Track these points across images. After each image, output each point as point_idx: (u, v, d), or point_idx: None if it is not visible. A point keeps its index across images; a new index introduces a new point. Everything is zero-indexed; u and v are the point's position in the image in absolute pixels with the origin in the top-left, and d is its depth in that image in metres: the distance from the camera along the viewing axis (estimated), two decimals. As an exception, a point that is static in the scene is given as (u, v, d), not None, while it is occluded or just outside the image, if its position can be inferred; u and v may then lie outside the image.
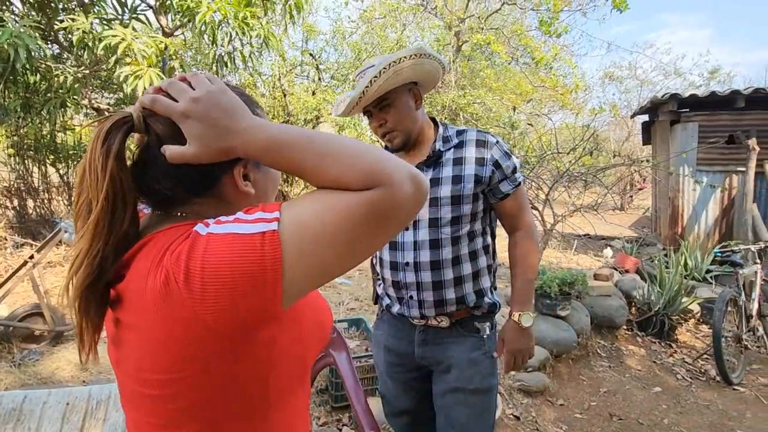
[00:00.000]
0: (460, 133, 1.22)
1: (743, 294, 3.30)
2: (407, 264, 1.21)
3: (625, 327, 3.73)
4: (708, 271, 4.74)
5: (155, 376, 0.50)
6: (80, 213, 0.50)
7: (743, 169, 5.46)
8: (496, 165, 1.18)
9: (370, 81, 1.06)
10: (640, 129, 9.63)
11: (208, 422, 0.53)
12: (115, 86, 5.57)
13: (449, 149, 1.20)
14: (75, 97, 4.41)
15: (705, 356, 3.39)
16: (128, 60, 3.33)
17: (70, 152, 5.43)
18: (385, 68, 1.05)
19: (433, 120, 1.27)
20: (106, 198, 0.48)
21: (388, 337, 1.35)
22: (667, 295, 3.73)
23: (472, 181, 1.17)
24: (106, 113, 5.27)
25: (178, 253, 0.47)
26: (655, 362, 3.35)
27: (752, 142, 5.32)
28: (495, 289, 1.29)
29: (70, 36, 4.48)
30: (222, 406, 0.52)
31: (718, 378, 3.08)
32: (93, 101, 5.02)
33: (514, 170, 1.21)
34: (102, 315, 0.53)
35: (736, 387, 3.00)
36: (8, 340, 2.67)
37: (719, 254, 3.66)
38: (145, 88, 3.44)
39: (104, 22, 4.31)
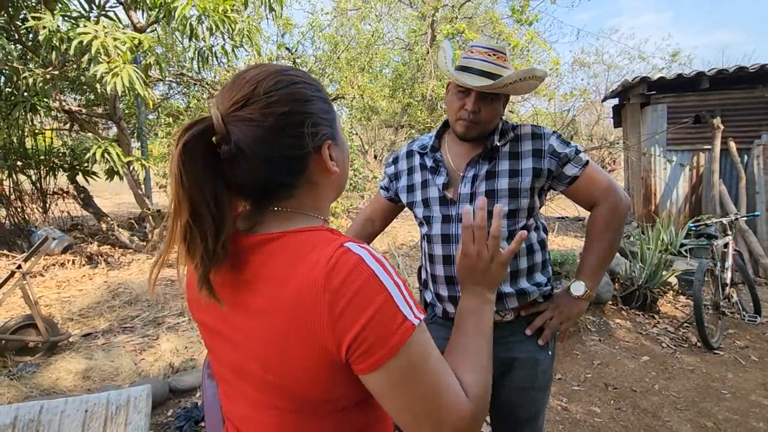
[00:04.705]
0: (515, 127, 1.21)
1: (719, 264, 3.52)
2: None
3: (611, 302, 3.91)
4: (682, 245, 4.99)
5: (273, 363, 0.54)
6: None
7: (709, 147, 5.76)
8: (554, 153, 1.16)
9: (517, 80, 1.08)
10: (609, 113, 9.97)
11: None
12: (85, 87, 5.36)
13: (505, 144, 1.19)
14: (45, 99, 4.21)
15: (686, 324, 3.60)
16: (104, 58, 3.20)
17: (41, 158, 5.20)
18: (527, 78, 1.10)
19: None
20: (179, 187, 0.51)
21: (442, 342, 1.26)
22: (648, 270, 3.93)
23: (530, 175, 1.15)
24: (78, 115, 5.07)
25: (333, 266, 0.51)
26: (641, 333, 3.53)
27: (717, 120, 5.61)
28: (551, 280, 1.27)
29: (32, 35, 4.28)
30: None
31: (699, 344, 3.28)
32: (63, 103, 4.81)
33: (577, 152, 1.18)
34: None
35: (716, 351, 3.21)
36: (1, 354, 2.58)
37: (694, 228, 3.88)
38: (124, 86, 3.36)
39: (70, 19, 4.13)
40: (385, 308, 0.50)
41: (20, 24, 4.06)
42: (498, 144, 1.18)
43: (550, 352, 1.26)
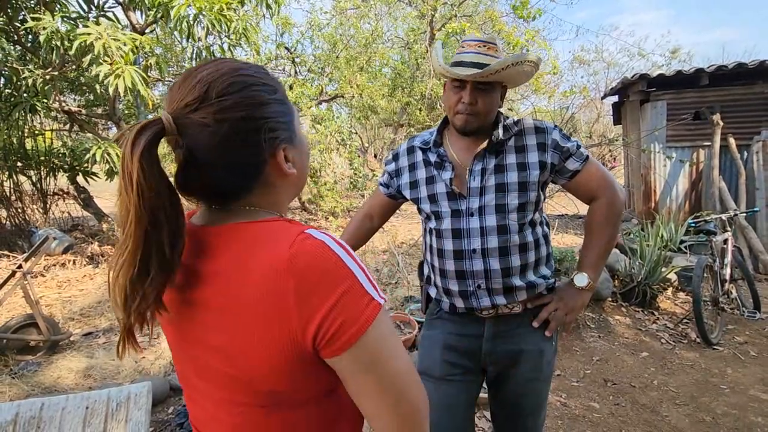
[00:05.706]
0: (517, 122, 1.23)
1: (718, 260, 3.52)
2: (474, 251, 1.18)
3: (610, 299, 3.91)
4: (682, 242, 4.99)
5: (244, 358, 0.53)
6: (121, 212, 0.50)
7: (709, 143, 5.76)
8: (557, 147, 1.18)
9: (507, 65, 1.09)
10: (609, 110, 9.97)
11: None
12: (85, 87, 5.37)
13: (510, 138, 1.20)
14: (45, 100, 4.22)
15: (685, 321, 3.61)
16: (106, 59, 3.20)
17: (41, 158, 5.22)
18: (519, 63, 1.10)
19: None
20: (139, 196, 0.48)
21: (450, 336, 1.29)
22: (648, 267, 3.94)
23: (537, 168, 1.17)
24: (78, 116, 5.08)
25: (296, 251, 0.50)
26: (640, 329, 3.54)
27: (716, 117, 5.60)
28: (554, 273, 1.30)
29: (31, 36, 4.28)
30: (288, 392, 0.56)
31: (698, 340, 3.29)
32: (63, 104, 4.82)
33: (578, 147, 1.20)
34: (150, 308, 0.53)
35: (715, 347, 3.21)
36: (2, 353, 2.59)
37: (693, 224, 3.88)
38: (126, 88, 3.36)
39: (69, 20, 4.13)
40: (353, 290, 0.51)
41: (20, 25, 4.07)
42: (503, 138, 1.19)
43: (554, 344, 1.29)
